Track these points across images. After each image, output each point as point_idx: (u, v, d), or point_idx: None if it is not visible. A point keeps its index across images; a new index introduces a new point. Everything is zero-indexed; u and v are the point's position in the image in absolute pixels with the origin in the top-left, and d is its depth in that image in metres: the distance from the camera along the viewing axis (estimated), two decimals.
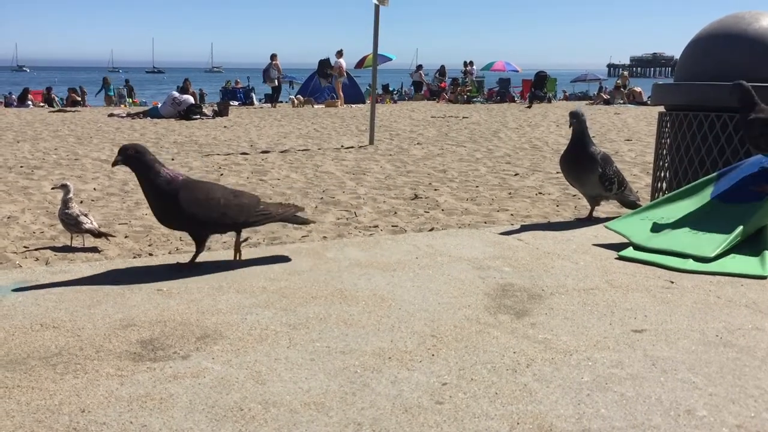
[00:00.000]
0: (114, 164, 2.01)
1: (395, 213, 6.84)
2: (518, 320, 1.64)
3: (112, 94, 23.91)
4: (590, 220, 2.68)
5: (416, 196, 7.68)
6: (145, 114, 17.27)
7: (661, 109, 4.35)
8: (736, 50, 3.80)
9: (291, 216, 2.12)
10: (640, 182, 8.12)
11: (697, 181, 2.46)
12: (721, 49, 3.88)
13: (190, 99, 17.51)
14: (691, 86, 3.94)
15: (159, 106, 17.83)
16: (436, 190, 8.08)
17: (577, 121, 2.54)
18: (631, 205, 2.79)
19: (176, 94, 17.72)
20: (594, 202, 2.73)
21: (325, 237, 5.72)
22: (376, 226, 6.37)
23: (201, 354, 1.43)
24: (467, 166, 9.98)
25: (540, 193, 7.95)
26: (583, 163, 2.56)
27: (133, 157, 1.97)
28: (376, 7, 12.21)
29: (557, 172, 9.19)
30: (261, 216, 2.00)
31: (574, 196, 7.69)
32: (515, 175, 9.10)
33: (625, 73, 29.47)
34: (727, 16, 4.14)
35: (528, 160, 10.49)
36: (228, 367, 1.37)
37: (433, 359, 1.41)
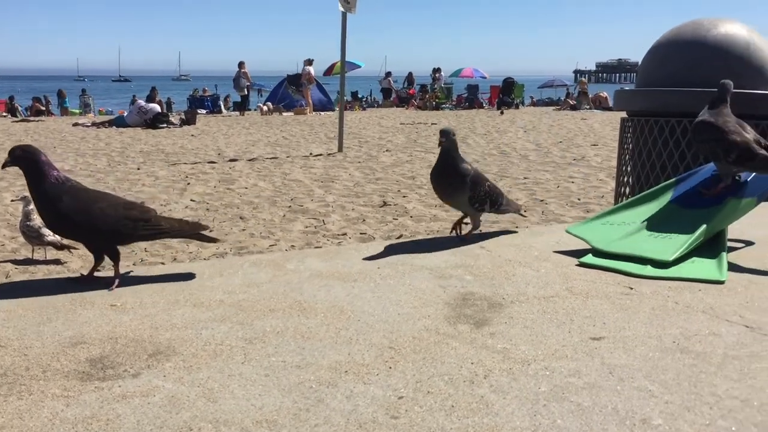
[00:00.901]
0: (3, 166, 1.95)
1: (364, 220, 6.83)
2: (477, 330, 1.63)
3: (67, 105, 23.60)
4: (465, 237, 2.55)
5: (385, 204, 7.67)
6: (110, 123, 17.07)
7: (624, 114, 4.40)
8: (696, 57, 3.85)
9: (191, 233, 2.07)
10: (606, 187, 8.22)
11: (656, 186, 2.48)
12: (680, 55, 3.93)
13: (157, 108, 17.35)
14: (652, 92, 3.99)
15: (125, 114, 17.63)
16: (404, 197, 8.09)
17: (447, 139, 2.38)
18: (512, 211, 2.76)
19: (142, 102, 17.54)
20: (468, 215, 2.59)
21: (293, 245, 5.68)
22: (345, 234, 6.35)
23: (152, 372, 1.39)
24: None
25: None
26: (453, 183, 2.43)
27: (21, 157, 1.92)
28: (344, 15, 12.21)
29: (525, 178, 9.27)
30: (153, 230, 1.95)
31: (542, 201, 7.77)
32: None
33: (583, 79, 30.16)
34: (686, 23, 4.20)
35: (496, 165, 10.56)
36: (179, 384, 1.33)
37: (391, 372, 1.39)
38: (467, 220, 2.62)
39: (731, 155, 2.21)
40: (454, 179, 2.42)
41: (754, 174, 2.30)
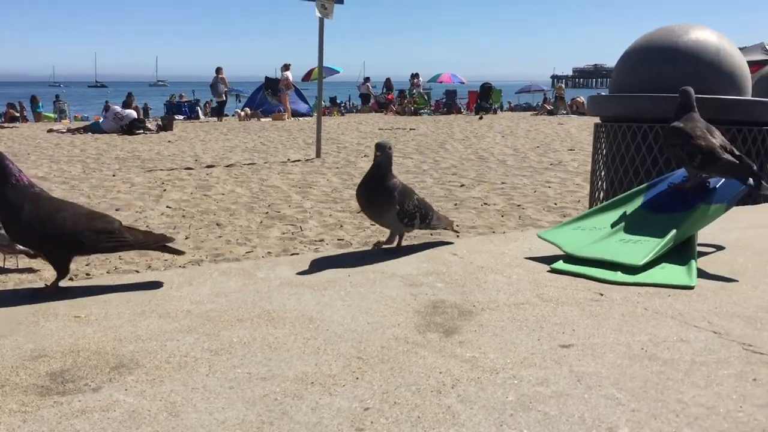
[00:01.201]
0: None
1: (341, 226, 6.80)
2: (447, 338, 1.61)
3: (41, 110, 23.36)
4: (398, 252, 2.45)
5: None
6: (86, 129, 16.88)
7: (598, 120, 4.43)
8: (668, 62, 3.89)
9: (156, 245, 2.04)
10: (582, 191, 8.27)
11: (628, 191, 2.49)
12: (652, 61, 3.97)
13: (133, 113, 17.20)
14: (625, 98, 4.02)
15: (101, 120, 17.45)
16: None
17: (382, 153, 2.30)
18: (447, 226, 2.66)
19: (118, 108, 17.38)
20: (394, 232, 2.50)
21: (269, 252, 5.64)
22: (322, 240, 6.32)
23: (113, 385, 1.36)
24: (414, 177, 10.01)
25: (485, 203, 8.02)
26: (380, 199, 2.34)
27: None
28: (321, 20, 12.21)
29: (502, 183, 9.31)
30: (117, 242, 1.92)
31: (519, 206, 7.80)
32: (461, 186, 9.17)
33: (561, 84, 30.63)
34: (658, 29, 4.24)
35: (474, 171, 10.59)
36: (141, 398, 1.30)
37: (357, 382, 1.37)
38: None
39: (696, 159, 2.24)
40: (382, 194, 2.33)
41: (723, 180, 2.32)
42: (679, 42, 3.94)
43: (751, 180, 2.20)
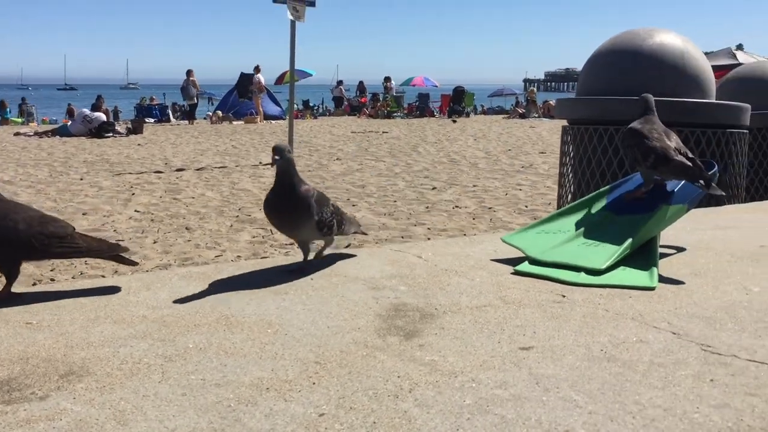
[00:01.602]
0: None
1: None
2: (407, 342, 1.60)
3: (8, 116, 23.00)
4: (304, 268, 2.22)
5: None
6: (54, 132, 16.63)
7: (565, 123, 4.46)
8: (632, 66, 3.92)
9: (110, 255, 2.00)
10: (553, 194, 8.32)
11: (591, 194, 2.50)
12: (617, 64, 4.00)
13: (102, 116, 16.99)
14: (591, 101, 4.05)
15: (69, 124, 17.19)
16: (354, 205, 8.05)
17: (281, 158, 2.03)
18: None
19: (87, 111, 17.15)
20: (307, 248, 2.28)
21: (239, 256, 5.58)
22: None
23: (62, 394, 1.32)
24: (386, 180, 10.00)
25: (457, 206, 8.04)
26: (295, 209, 2.08)
27: None
28: (293, 23, 12.16)
29: (474, 186, 9.34)
30: (69, 248, 1.88)
31: (490, 208, 7.82)
32: (433, 189, 9.18)
33: (533, 88, 31.22)
34: (623, 32, 4.28)
35: (446, 173, 10.61)
36: (89, 407, 1.27)
37: (314, 388, 1.35)
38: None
39: (649, 159, 2.26)
40: (297, 204, 2.08)
41: (684, 181, 2.33)
42: (644, 45, 3.98)
43: (701, 181, 2.21)
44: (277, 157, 2.04)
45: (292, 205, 2.08)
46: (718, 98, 4.75)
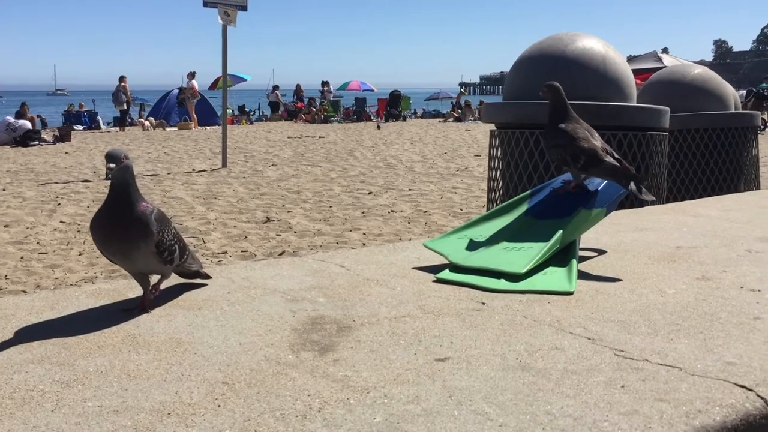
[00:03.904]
0: None
1: (246, 237, 6.64)
2: (321, 357, 1.55)
3: None
4: (146, 307, 1.86)
5: (268, 219, 7.51)
6: None
7: (493, 126, 4.49)
8: (555, 70, 3.97)
9: None
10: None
11: (513, 199, 2.50)
12: (541, 69, 4.05)
13: (27, 124, 16.40)
14: (516, 105, 4.09)
15: None
16: (289, 212, 7.95)
17: (117, 167, 1.69)
18: (194, 275, 2.06)
19: (11, 119, 16.53)
20: (146, 281, 1.88)
21: None
22: (225, 252, 6.15)
23: None
24: (322, 186, 9.93)
25: (392, 210, 8.03)
26: (130, 230, 1.73)
27: None
28: (224, 28, 11.98)
29: (410, 189, 9.36)
30: None
31: (425, 212, 7.84)
32: (369, 193, 9.16)
33: (462, 89, 32.41)
34: (547, 37, 4.34)
35: (382, 178, 10.61)
36: None
37: (218, 411, 1.29)
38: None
39: (579, 161, 2.27)
40: (132, 222, 1.73)
41: (603, 184, 2.36)
42: (567, 50, 4.04)
43: (632, 185, 2.23)
44: (112, 166, 1.68)
45: (125, 223, 1.73)
46: (641, 101, 4.87)
